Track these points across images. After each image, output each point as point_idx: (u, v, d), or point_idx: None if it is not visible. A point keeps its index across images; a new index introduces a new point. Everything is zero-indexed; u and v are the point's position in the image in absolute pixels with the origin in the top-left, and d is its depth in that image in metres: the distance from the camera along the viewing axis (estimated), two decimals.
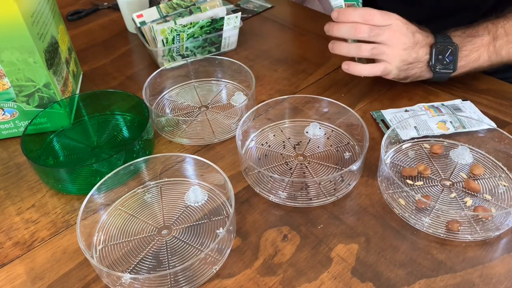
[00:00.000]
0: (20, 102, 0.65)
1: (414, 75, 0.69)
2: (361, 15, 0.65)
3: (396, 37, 0.65)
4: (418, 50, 0.67)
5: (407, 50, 0.66)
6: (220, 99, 0.74)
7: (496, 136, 0.60)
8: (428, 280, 0.47)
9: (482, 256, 0.49)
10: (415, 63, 0.67)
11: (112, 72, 0.84)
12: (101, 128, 0.69)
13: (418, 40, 0.66)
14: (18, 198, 0.60)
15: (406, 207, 0.54)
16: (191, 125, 0.68)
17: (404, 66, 0.67)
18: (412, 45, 0.66)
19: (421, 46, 0.67)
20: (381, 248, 0.51)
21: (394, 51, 0.66)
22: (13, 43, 0.59)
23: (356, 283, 0.47)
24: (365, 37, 0.66)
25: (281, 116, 0.68)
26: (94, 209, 0.55)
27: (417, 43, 0.66)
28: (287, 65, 0.82)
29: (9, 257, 0.52)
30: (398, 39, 0.66)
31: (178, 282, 0.47)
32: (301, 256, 0.50)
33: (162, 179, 0.60)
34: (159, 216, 0.55)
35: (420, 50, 0.67)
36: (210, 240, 0.52)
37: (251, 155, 0.64)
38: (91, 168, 0.58)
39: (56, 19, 0.72)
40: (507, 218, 0.51)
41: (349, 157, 0.62)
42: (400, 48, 0.66)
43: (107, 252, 0.52)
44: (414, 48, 0.66)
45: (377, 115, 0.68)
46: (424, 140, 0.63)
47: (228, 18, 0.81)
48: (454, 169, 0.59)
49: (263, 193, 0.57)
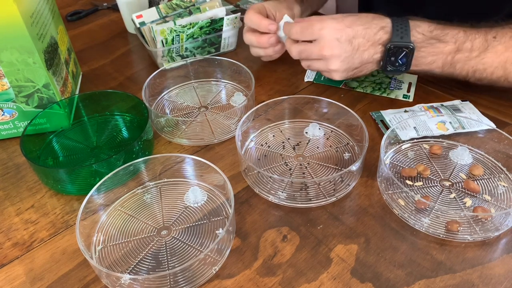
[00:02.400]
0: (20, 102, 0.65)
1: (365, 74, 0.68)
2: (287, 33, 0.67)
3: (328, 51, 0.63)
4: (361, 54, 0.63)
5: (345, 60, 0.63)
6: (219, 100, 0.74)
7: (496, 137, 0.60)
8: (428, 281, 0.47)
9: (481, 256, 0.49)
10: (362, 66, 0.65)
11: (112, 72, 0.84)
12: (100, 129, 0.69)
13: (358, 45, 0.62)
14: (17, 198, 0.60)
15: (405, 207, 0.54)
16: (190, 126, 0.68)
17: (350, 72, 0.65)
18: (351, 53, 0.62)
19: (365, 49, 0.63)
20: (380, 249, 0.51)
21: (330, 66, 0.64)
22: (13, 44, 0.59)
23: (355, 284, 0.47)
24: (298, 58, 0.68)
25: (281, 116, 0.68)
26: (93, 209, 0.54)
27: (357, 48, 0.62)
28: (287, 65, 0.82)
29: (8, 258, 0.52)
30: (331, 53, 0.62)
31: (178, 282, 0.47)
32: (300, 257, 0.50)
33: (161, 180, 0.60)
34: (159, 217, 0.55)
35: (365, 53, 0.63)
36: (209, 241, 0.52)
37: (250, 155, 0.64)
38: (90, 168, 0.58)
39: (55, 20, 0.72)
40: (507, 218, 0.51)
41: (348, 158, 0.62)
42: (337, 61, 0.63)
43: (106, 253, 0.52)
44: (355, 55, 0.63)
45: (376, 115, 0.68)
46: (424, 140, 0.63)
47: (228, 19, 0.81)
48: (454, 169, 0.59)
49: (262, 194, 0.57)
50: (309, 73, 0.78)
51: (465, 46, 0.62)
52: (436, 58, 0.63)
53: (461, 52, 0.62)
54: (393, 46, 0.61)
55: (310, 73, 0.78)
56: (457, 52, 0.62)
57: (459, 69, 0.64)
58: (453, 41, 0.62)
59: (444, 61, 0.63)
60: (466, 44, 0.62)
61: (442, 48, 0.62)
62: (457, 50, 0.62)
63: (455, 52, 0.62)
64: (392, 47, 0.61)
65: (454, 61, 0.63)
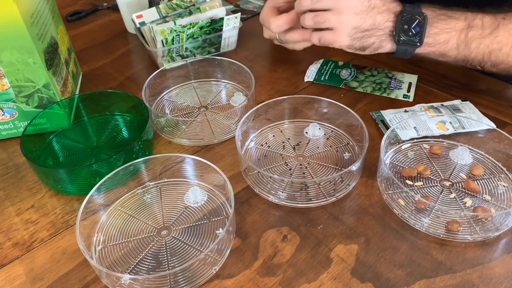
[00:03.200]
0: (20, 102, 0.65)
1: (372, 45, 0.63)
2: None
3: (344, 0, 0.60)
4: (375, 15, 0.60)
5: (359, 15, 0.60)
6: (219, 100, 0.74)
7: (496, 137, 0.60)
8: (428, 281, 0.47)
9: (481, 256, 0.49)
10: (372, 30, 0.61)
11: (112, 72, 0.84)
12: (100, 129, 0.69)
13: (375, 4, 0.60)
14: (17, 198, 0.60)
15: (405, 207, 0.54)
16: (190, 126, 0.68)
17: (358, 33, 0.61)
18: (366, 9, 0.60)
19: (380, 11, 0.61)
20: (380, 249, 0.51)
21: (342, 17, 0.60)
22: (13, 44, 0.59)
23: (355, 284, 0.47)
24: (308, 5, 0.61)
25: (281, 116, 0.68)
26: (93, 209, 0.55)
27: (373, 7, 0.60)
28: (287, 65, 0.82)
29: (8, 258, 0.52)
30: (346, 2, 0.60)
31: (178, 282, 0.47)
32: (300, 257, 0.50)
33: (161, 180, 0.60)
34: (159, 217, 0.55)
35: (379, 16, 0.61)
36: (209, 241, 0.52)
37: (250, 155, 0.64)
38: (90, 168, 0.58)
39: (55, 20, 0.72)
40: (507, 218, 0.51)
41: (348, 158, 0.62)
42: (350, 13, 0.60)
43: (106, 253, 0.52)
44: (370, 13, 0.60)
45: (376, 115, 0.68)
46: (424, 140, 0.63)
47: (228, 19, 0.81)
48: (454, 169, 0.59)
49: (262, 194, 0.57)
50: (309, 73, 0.78)
51: (476, 22, 0.61)
52: (450, 36, 0.62)
53: (473, 29, 0.61)
54: (406, 12, 0.61)
55: (310, 73, 0.78)
56: (469, 29, 0.61)
57: (474, 49, 0.62)
58: (463, 18, 0.61)
59: (458, 39, 0.61)
60: (476, 21, 0.61)
61: (454, 24, 0.61)
62: (468, 26, 0.61)
63: (467, 28, 0.61)
64: (405, 13, 0.61)
65: (468, 38, 0.61)
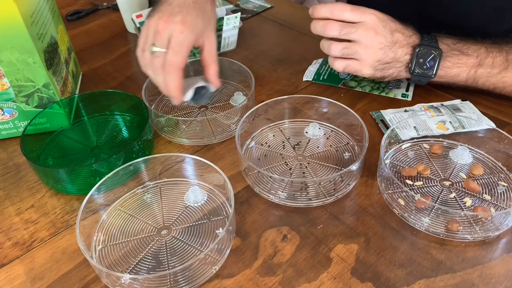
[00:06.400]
0: (20, 102, 0.65)
1: (391, 75, 0.67)
2: (330, 11, 0.62)
3: (371, 35, 0.62)
4: (396, 50, 0.64)
5: (383, 49, 0.63)
6: (219, 99, 0.74)
7: (496, 136, 0.60)
8: (428, 280, 0.47)
9: (481, 256, 0.49)
10: (393, 62, 0.65)
11: (112, 72, 0.84)
12: (100, 128, 0.69)
13: (397, 40, 0.64)
14: (17, 198, 0.60)
15: (405, 207, 0.54)
16: (190, 125, 0.68)
17: (380, 65, 0.64)
18: (390, 44, 0.63)
19: (401, 45, 0.64)
20: (380, 248, 0.51)
21: (368, 51, 0.63)
22: (13, 43, 0.59)
23: (355, 283, 0.47)
24: (336, 35, 0.63)
25: (281, 116, 0.68)
26: (93, 209, 0.55)
27: (395, 42, 0.63)
28: (287, 65, 0.82)
29: (8, 258, 0.52)
30: (372, 38, 0.62)
31: (178, 282, 0.47)
32: (300, 256, 0.50)
33: (161, 179, 0.60)
34: (159, 216, 0.55)
35: (399, 50, 0.64)
36: (209, 240, 0.52)
37: (250, 155, 0.64)
38: (90, 168, 0.58)
39: (55, 19, 0.72)
40: (507, 218, 0.51)
41: (348, 157, 0.62)
42: (375, 48, 0.63)
43: (106, 252, 0.52)
44: (392, 48, 0.63)
45: (376, 115, 0.68)
46: (424, 140, 0.63)
47: (228, 18, 0.81)
48: (454, 169, 0.59)
49: (262, 193, 0.57)
50: (308, 72, 0.78)
51: (487, 61, 0.64)
52: (460, 70, 0.65)
53: (483, 67, 0.64)
54: (423, 47, 0.64)
55: (309, 72, 0.78)
56: (479, 67, 0.64)
57: (480, 84, 0.66)
58: (475, 55, 0.64)
59: (467, 74, 0.65)
60: (487, 60, 0.64)
61: (466, 60, 0.64)
62: (479, 64, 0.64)
63: (477, 66, 0.64)
64: (422, 48, 0.64)
65: (477, 75, 0.65)
